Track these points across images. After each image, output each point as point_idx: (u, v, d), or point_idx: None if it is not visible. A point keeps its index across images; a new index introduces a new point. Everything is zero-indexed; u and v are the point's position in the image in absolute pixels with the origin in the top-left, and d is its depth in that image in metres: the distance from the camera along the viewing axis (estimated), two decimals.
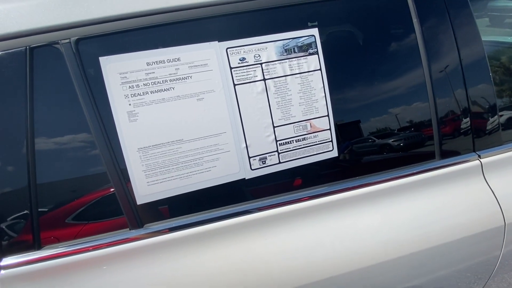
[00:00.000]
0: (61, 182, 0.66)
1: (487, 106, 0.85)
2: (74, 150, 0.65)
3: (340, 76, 0.75)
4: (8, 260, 0.63)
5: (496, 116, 0.86)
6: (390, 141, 0.80)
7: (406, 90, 0.80)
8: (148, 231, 0.67)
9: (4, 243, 0.63)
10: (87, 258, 0.64)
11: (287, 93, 0.71)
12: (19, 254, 0.63)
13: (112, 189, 0.66)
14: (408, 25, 0.78)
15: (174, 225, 0.68)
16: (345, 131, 0.76)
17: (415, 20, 0.78)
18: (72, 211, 0.67)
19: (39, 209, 0.64)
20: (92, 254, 0.64)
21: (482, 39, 0.83)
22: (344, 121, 0.76)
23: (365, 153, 0.79)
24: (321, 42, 0.72)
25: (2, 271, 0.62)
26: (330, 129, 0.74)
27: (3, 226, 0.63)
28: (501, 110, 0.88)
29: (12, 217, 0.64)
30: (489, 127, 0.86)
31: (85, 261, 0.64)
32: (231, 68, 0.68)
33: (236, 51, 0.68)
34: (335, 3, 0.74)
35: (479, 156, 0.83)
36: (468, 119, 0.82)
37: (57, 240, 0.66)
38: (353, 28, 0.78)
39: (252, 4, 0.70)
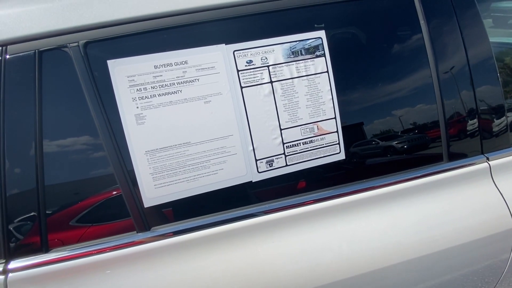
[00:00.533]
0: (69, 185, 0.67)
1: (495, 108, 0.84)
2: (82, 153, 0.65)
3: (347, 78, 0.75)
4: (16, 263, 0.63)
5: (504, 118, 0.85)
6: (398, 143, 0.80)
7: (414, 92, 0.79)
8: (155, 234, 0.67)
9: (12, 246, 0.63)
10: (94, 261, 0.64)
11: (294, 96, 0.71)
12: (27, 257, 0.63)
13: (119, 192, 0.66)
14: (415, 27, 0.78)
15: (181, 228, 0.67)
16: (352, 133, 0.76)
17: (422, 22, 0.78)
18: (79, 214, 0.67)
19: (47, 212, 0.64)
20: (100, 257, 0.64)
21: (498, 40, 0.83)
22: (352, 123, 0.76)
23: (372, 155, 0.79)
24: (328, 44, 0.72)
25: (10, 274, 0.62)
26: (337, 131, 0.74)
27: (11, 229, 0.63)
28: (509, 111, 0.87)
29: (20, 220, 0.64)
30: (497, 129, 0.85)
31: (92, 264, 0.64)
32: (238, 70, 0.68)
33: (243, 54, 0.68)
34: (341, 5, 0.74)
35: (488, 159, 0.83)
36: (476, 120, 0.82)
37: (65, 243, 0.66)
38: (360, 30, 0.78)
39: (259, 7, 0.70)
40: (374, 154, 0.79)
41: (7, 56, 0.62)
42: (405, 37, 0.78)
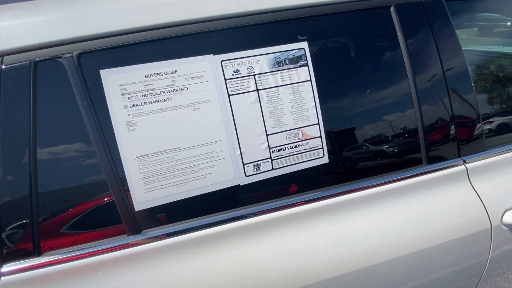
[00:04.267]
0: (61, 190, 0.69)
1: (470, 115, 0.89)
2: (75, 159, 0.67)
3: (329, 87, 0.79)
4: (9, 267, 0.64)
5: (479, 124, 0.90)
6: (379, 148, 0.84)
7: (393, 100, 0.84)
8: (145, 236, 0.69)
9: (4, 250, 0.65)
10: (86, 263, 0.66)
11: (279, 103, 0.75)
12: (20, 260, 0.65)
13: (111, 198, 0.68)
14: (393, 38, 0.83)
15: (171, 231, 0.70)
16: (335, 138, 0.80)
17: (399, 34, 0.82)
18: (72, 218, 0.69)
19: (39, 217, 0.66)
20: (91, 260, 0.66)
21: (469, 48, 0.88)
22: (335, 129, 0.80)
23: (355, 159, 0.83)
24: (311, 55, 0.76)
25: (3, 278, 0.63)
26: (320, 136, 0.77)
27: (4, 234, 0.65)
28: (484, 118, 0.92)
29: (13, 225, 0.65)
30: (473, 134, 0.90)
31: (84, 267, 0.66)
32: (225, 79, 0.72)
33: (230, 64, 0.72)
34: (323, 18, 0.79)
35: (465, 161, 0.87)
36: (452, 127, 0.86)
37: (57, 247, 0.67)
38: (341, 41, 0.82)
39: (245, 20, 0.74)
40: (356, 158, 0.82)
41: (3, 66, 0.65)
42: (383, 48, 0.83)
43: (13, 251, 0.65)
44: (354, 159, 0.82)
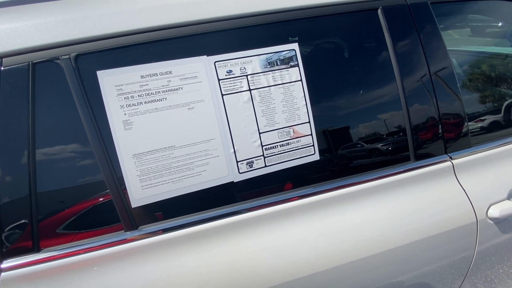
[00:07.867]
0: (60, 189, 0.70)
1: (456, 113, 0.92)
2: (73, 158, 0.69)
3: (319, 86, 0.81)
4: (9, 263, 0.66)
5: (465, 122, 0.93)
6: (368, 145, 0.87)
7: (381, 98, 0.87)
8: (142, 232, 0.71)
9: (4, 247, 0.66)
10: (84, 259, 0.68)
11: (271, 102, 0.77)
12: (19, 256, 0.67)
13: (108, 196, 0.70)
14: (380, 39, 0.86)
15: (167, 226, 0.72)
16: (325, 136, 0.82)
17: (386, 35, 0.86)
18: (70, 216, 0.70)
19: (38, 215, 0.67)
20: (89, 256, 0.68)
21: (455, 48, 0.91)
22: (325, 127, 0.83)
23: (345, 156, 0.85)
24: (301, 56, 0.79)
25: (3, 273, 0.65)
26: (311, 134, 0.80)
27: (5, 231, 0.66)
28: (469, 116, 0.96)
29: (13, 222, 0.67)
30: (459, 131, 0.93)
31: (82, 262, 0.67)
32: (219, 79, 0.74)
33: (224, 64, 0.75)
34: (313, 20, 0.82)
35: (451, 158, 0.90)
36: (439, 124, 0.89)
37: (56, 243, 0.69)
38: (331, 42, 0.85)
39: (237, 22, 0.77)
40: (346, 155, 0.85)
41: (2, 68, 0.66)
42: (371, 49, 0.86)
43: (13, 248, 0.67)
44: (344, 156, 0.85)
